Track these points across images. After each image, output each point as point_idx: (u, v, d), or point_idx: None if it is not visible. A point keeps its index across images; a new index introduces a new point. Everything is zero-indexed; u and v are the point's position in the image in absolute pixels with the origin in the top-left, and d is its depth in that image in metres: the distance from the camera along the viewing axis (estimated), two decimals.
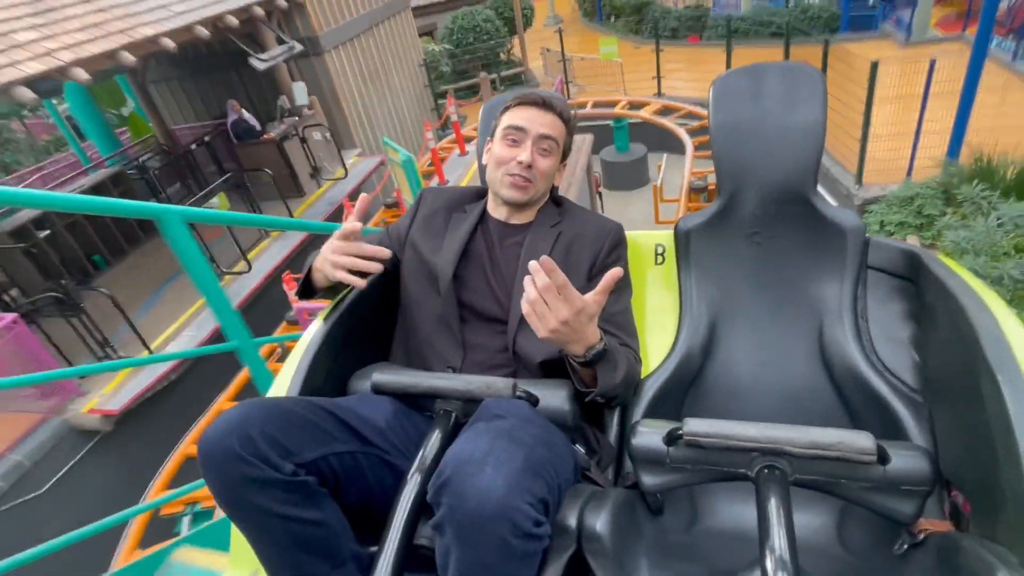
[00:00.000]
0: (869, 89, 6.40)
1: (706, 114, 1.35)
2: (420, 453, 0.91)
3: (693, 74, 12.37)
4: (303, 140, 7.70)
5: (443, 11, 14.20)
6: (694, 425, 0.83)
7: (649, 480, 0.89)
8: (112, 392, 4.81)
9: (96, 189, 6.93)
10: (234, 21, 6.54)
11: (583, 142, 7.55)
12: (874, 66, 6.25)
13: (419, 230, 1.25)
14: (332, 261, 1.06)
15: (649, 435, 0.88)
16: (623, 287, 1.20)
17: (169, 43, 5.67)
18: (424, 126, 8.90)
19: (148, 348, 5.02)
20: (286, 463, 0.81)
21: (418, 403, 1.06)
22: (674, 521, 1.11)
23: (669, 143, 9.44)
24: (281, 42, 7.51)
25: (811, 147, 1.21)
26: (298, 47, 7.46)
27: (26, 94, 4.41)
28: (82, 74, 4.83)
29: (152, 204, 1.73)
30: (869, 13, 12.84)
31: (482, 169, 1.31)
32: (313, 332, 1.15)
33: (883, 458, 0.77)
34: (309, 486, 0.83)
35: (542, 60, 14.19)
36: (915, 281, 1.16)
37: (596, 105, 10.38)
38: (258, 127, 7.73)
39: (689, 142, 8.57)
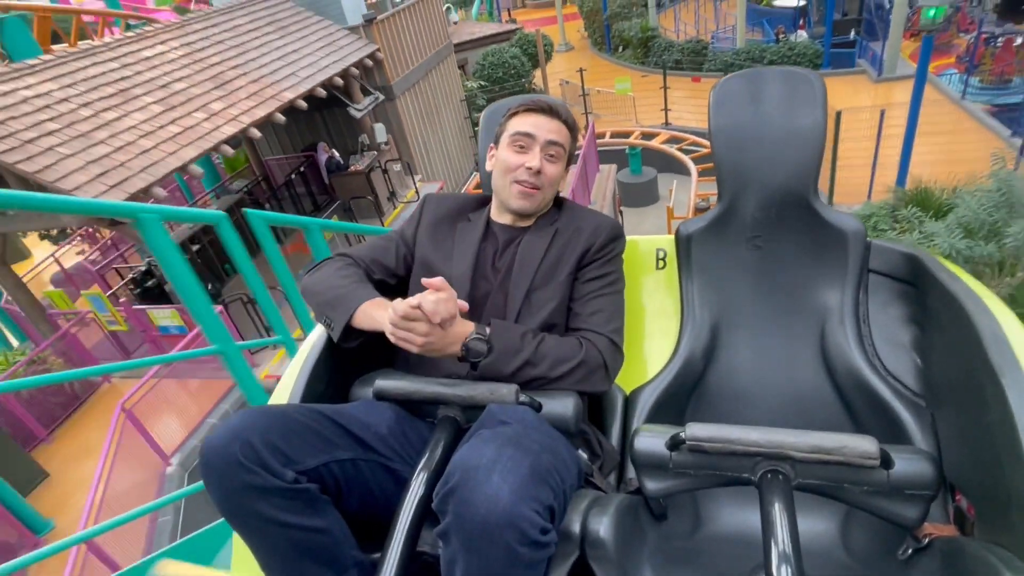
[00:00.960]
0: (835, 134, 8.22)
1: (708, 145, 1.39)
2: (423, 459, 0.91)
3: (695, 103, 14.18)
4: (384, 171, 9.52)
5: (474, 48, 16.05)
6: (697, 430, 0.82)
7: (652, 485, 0.89)
8: (278, 363, 6.57)
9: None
10: (340, 81, 8.37)
11: (609, 170, 9.36)
12: (838, 115, 8.08)
13: (426, 237, 1.26)
14: (404, 336, 0.98)
15: (652, 440, 0.88)
16: (606, 275, 1.19)
17: (302, 103, 7.49)
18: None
19: (303, 330, 6.79)
20: (288, 470, 0.82)
21: (420, 409, 1.05)
22: (678, 526, 1.10)
23: (677, 165, 11.23)
24: (365, 91, 9.33)
25: (811, 150, 1.21)
26: (380, 96, 9.30)
27: (228, 150, 6.21)
28: (256, 132, 6.63)
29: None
30: (848, 51, 14.66)
31: (484, 175, 1.31)
32: (315, 339, 1.16)
33: (887, 462, 0.77)
34: (311, 493, 0.85)
35: (561, 91, 16.03)
36: (916, 285, 1.16)
37: (614, 135, 12.20)
38: (342, 161, 9.56)
39: (694, 168, 10.35)
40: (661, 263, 1.42)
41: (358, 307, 1.07)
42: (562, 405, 0.99)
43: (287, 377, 1.11)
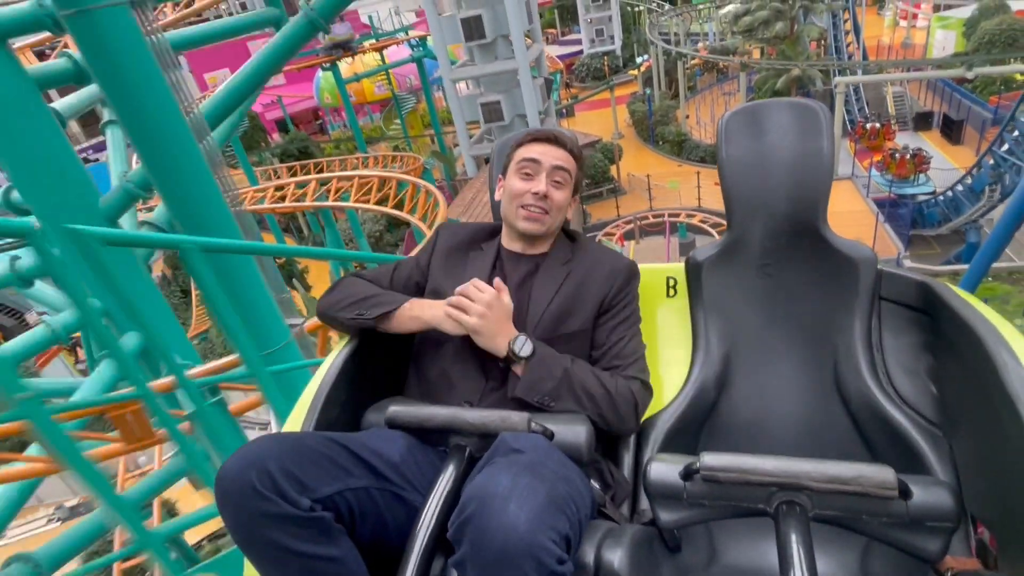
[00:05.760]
0: None
1: (725, 222, 1.42)
2: (434, 489, 0.92)
3: (717, 191, 22.41)
4: None
5: None
6: (711, 459, 0.82)
7: (666, 516, 0.89)
8: None
9: None
10: None
11: (675, 242, 18.01)
12: None
13: (438, 265, 1.32)
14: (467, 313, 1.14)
15: (665, 470, 0.88)
16: (627, 319, 1.24)
17: None
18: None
19: None
20: (303, 498, 0.83)
21: (432, 438, 1.07)
22: (692, 559, 1.10)
23: (706, 231, 19.70)
24: None
25: (818, 178, 1.23)
26: None
27: None
28: None
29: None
30: None
31: (495, 205, 1.37)
32: (328, 365, 1.18)
33: (905, 493, 0.76)
34: (325, 522, 0.85)
35: (628, 180, 24.65)
36: (929, 313, 1.15)
37: (670, 215, 20.82)
38: None
39: (717, 236, 18.71)
40: (672, 291, 1.43)
41: (403, 304, 1.20)
42: (574, 434, 1.00)
43: (301, 404, 1.12)
